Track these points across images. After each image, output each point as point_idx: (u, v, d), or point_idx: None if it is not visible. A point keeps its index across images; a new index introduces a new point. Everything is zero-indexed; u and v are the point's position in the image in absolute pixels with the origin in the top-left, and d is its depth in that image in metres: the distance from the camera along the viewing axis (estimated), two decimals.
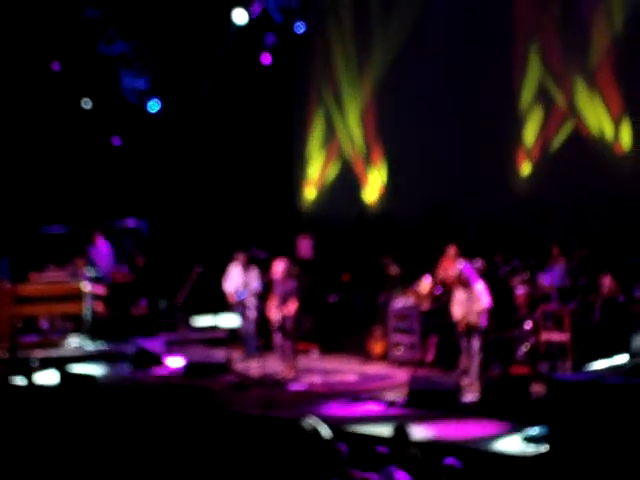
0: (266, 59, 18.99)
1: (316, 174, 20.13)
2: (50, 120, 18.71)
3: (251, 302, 15.28)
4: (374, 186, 19.25)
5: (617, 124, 16.13)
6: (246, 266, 15.54)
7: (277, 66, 19.26)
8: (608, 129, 16.27)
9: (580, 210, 16.05)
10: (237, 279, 15.53)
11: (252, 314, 15.33)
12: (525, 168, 17.22)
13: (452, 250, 15.15)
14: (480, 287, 12.96)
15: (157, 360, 15.09)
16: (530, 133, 17.12)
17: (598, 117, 16.35)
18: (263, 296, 15.05)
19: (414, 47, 18.26)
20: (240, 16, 18.12)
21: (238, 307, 15.58)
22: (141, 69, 18.97)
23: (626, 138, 16.08)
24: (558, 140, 16.81)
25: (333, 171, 19.88)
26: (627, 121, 16.03)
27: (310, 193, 20.25)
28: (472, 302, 12.92)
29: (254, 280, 15.32)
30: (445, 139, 17.77)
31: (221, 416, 11.23)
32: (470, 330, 12.94)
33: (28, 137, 18.52)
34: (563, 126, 16.74)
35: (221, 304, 16.31)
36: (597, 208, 15.94)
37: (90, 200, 18.98)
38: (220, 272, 15.91)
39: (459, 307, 13.01)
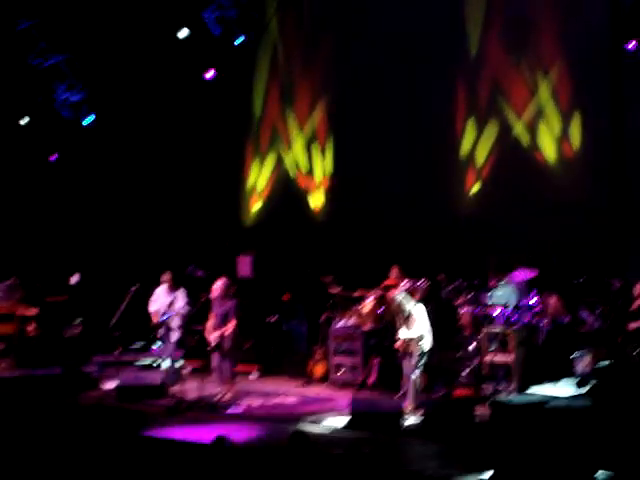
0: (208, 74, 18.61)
1: (260, 190, 19.74)
2: None
3: (175, 324, 14.60)
4: (317, 203, 18.92)
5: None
6: (172, 286, 14.83)
7: (219, 78, 18.81)
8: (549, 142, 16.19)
9: (524, 229, 15.77)
10: (162, 299, 14.83)
11: (174, 336, 14.62)
12: (470, 185, 16.96)
13: (395, 271, 15.01)
14: (417, 311, 12.71)
15: (90, 383, 14.58)
16: (471, 149, 16.96)
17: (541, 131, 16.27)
18: (202, 316, 14.56)
19: (362, 60, 17.99)
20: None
21: (161, 328, 14.66)
22: (75, 82, 18.50)
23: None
24: (502, 157, 16.64)
25: (276, 187, 19.49)
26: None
27: (253, 211, 19.85)
28: (408, 325, 12.69)
29: (180, 300, 14.65)
30: (389, 156, 17.50)
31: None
32: (407, 352, 12.70)
33: None
34: (505, 142, 16.55)
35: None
36: (542, 227, 15.68)
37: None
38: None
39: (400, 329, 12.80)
